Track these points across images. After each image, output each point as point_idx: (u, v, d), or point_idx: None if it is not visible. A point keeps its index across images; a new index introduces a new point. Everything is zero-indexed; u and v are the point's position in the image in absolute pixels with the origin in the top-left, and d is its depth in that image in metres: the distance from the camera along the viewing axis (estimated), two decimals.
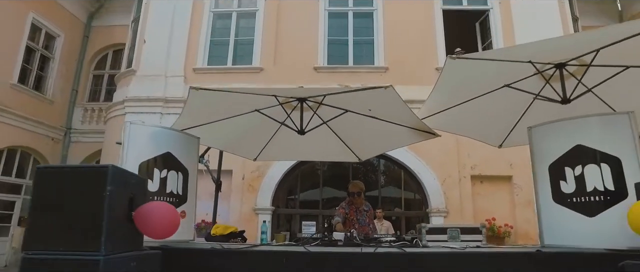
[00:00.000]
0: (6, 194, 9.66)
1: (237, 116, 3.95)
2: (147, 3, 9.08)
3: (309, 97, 3.71)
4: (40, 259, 2.02)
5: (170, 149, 3.32)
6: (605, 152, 2.78)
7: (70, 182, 2.12)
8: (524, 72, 3.38)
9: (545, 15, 8.45)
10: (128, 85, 8.55)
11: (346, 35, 8.71)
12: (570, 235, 2.81)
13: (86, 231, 2.04)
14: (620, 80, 3.28)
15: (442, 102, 3.64)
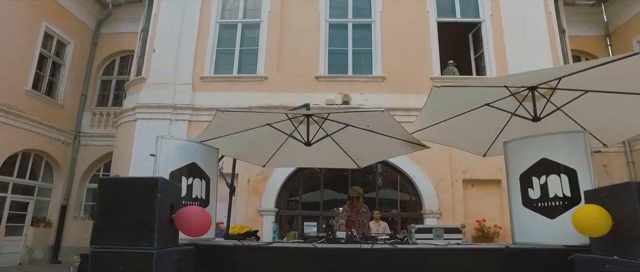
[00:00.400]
0: (20, 195, 10.17)
1: (251, 129, 4.47)
2: (156, 14, 9.60)
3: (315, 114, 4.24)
4: (105, 252, 2.57)
5: (195, 160, 3.85)
6: (565, 164, 3.34)
7: (127, 191, 2.67)
8: (501, 94, 3.93)
9: (534, 28, 9.02)
10: (138, 92, 9.07)
11: (346, 45, 9.26)
12: (535, 234, 3.37)
13: (141, 230, 2.58)
14: (587, 101, 3.83)
15: (430, 119, 4.17)
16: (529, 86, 3.82)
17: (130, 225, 2.58)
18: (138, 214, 2.60)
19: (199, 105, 8.81)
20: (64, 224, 10.98)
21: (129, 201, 2.62)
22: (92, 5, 11.73)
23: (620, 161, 10.75)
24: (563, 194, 3.30)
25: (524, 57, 8.80)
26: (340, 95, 8.71)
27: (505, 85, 3.71)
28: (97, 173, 11.69)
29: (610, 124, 4.08)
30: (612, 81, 3.48)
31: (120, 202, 2.63)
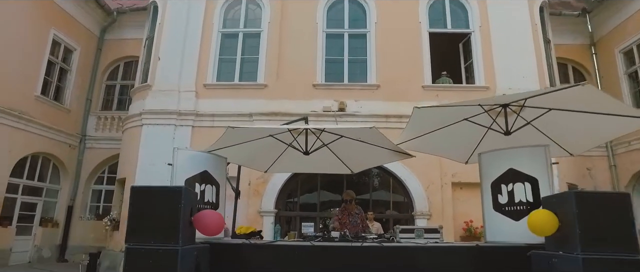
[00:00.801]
0: (29, 196, 10.66)
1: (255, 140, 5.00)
2: (160, 23, 10.11)
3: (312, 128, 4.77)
4: (138, 248, 3.11)
5: (206, 168, 4.39)
6: (528, 174, 3.90)
7: (156, 197, 3.21)
8: (478, 111, 4.50)
9: (520, 39, 9.59)
10: (144, 98, 9.58)
11: (342, 54, 9.80)
12: (503, 234, 3.92)
13: (167, 230, 3.13)
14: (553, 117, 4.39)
15: (414, 133, 4.71)
16: (502, 104, 4.39)
17: (158, 226, 3.12)
18: (165, 217, 3.14)
19: (202, 112, 9.34)
20: (70, 224, 11.48)
21: (157, 206, 3.16)
22: (97, 12, 12.23)
23: (603, 164, 11.37)
24: (526, 200, 3.86)
25: (510, 66, 9.39)
26: (337, 102, 9.25)
27: (480, 104, 4.27)
28: (101, 175, 12.19)
29: (574, 136, 4.64)
30: (572, 102, 4.05)
31: (149, 207, 3.17)
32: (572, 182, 9.48)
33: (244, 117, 9.19)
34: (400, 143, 4.82)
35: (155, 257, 3.06)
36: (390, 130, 8.05)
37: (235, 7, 10.32)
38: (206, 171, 4.37)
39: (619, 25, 11.11)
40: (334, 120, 9.00)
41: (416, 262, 3.66)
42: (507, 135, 4.37)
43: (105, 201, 11.96)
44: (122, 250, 8.76)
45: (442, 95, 9.35)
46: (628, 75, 10.99)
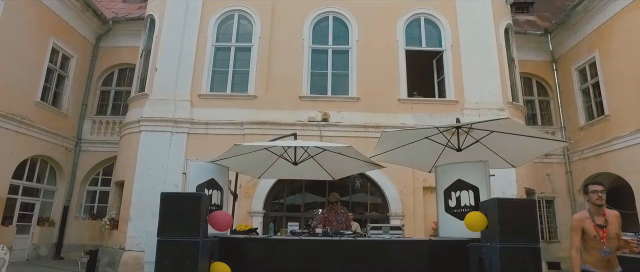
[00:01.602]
0: (28, 197, 11.36)
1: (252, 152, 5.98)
2: (157, 36, 10.97)
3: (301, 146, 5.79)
4: (168, 240, 4.07)
5: (213, 176, 5.35)
6: (471, 183, 5.00)
7: (182, 201, 4.18)
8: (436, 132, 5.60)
9: (486, 58, 10.79)
10: (142, 106, 10.43)
11: (326, 69, 10.84)
12: (452, 230, 5.02)
13: (191, 226, 4.10)
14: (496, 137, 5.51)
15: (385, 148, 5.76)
16: (455, 126, 5.50)
17: (183, 223, 4.09)
18: (188, 216, 4.11)
19: (196, 120, 10.24)
20: (66, 223, 12.21)
21: (182, 208, 4.13)
22: (93, 21, 12.97)
23: (561, 170, 12.75)
24: (470, 204, 4.97)
25: (477, 82, 10.61)
26: (321, 113, 10.28)
27: (436, 127, 5.37)
28: (96, 177, 12.95)
29: (514, 152, 5.77)
30: (508, 127, 5.18)
31: (176, 209, 4.14)
32: (531, 187, 10.74)
33: (236, 125, 10.14)
34: (372, 156, 5.88)
35: (181, 247, 4.03)
36: (369, 140, 9.24)
37: (227, 22, 11.24)
38: (213, 178, 5.33)
39: (575, 46, 12.48)
40: (318, 130, 10.04)
41: (382, 253, 4.72)
42: (459, 151, 5.47)
43: (100, 201, 12.74)
44: (121, 247, 9.65)
45: (416, 107, 10.51)
46: (582, 91, 12.37)
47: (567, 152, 12.68)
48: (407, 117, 10.33)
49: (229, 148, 5.21)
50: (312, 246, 4.81)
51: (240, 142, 9.53)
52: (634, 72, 10.20)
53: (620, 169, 10.66)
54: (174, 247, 4.03)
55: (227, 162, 5.79)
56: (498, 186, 9.30)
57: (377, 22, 11.03)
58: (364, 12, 11.08)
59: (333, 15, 11.19)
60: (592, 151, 11.66)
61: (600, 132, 11.39)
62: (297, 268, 4.67)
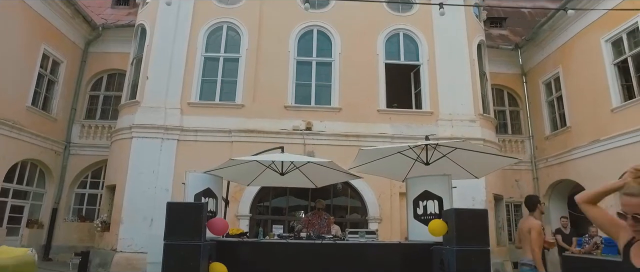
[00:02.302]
0: (17, 199, 11.75)
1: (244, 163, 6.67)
2: (149, 45, 11.51)
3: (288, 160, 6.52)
4: (173, 244, 4.76)
5: (209, 185, 6.03)
6: (436, 194, 5.82)
7: (186, 209, 4.87)
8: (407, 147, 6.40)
9: (460, 72, 11.69)
10: (133, 113, 10.96)
11: (310, 80, 11.57)
12: (419, 235, 5.83)
13: (193, 231, 4.79)
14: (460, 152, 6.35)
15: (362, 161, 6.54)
16: (425, 144, 6.31)
17: (187, 228, 4.78)
18: (191, 222, 4.80)
19: (186, 127, 10.84)
20: (54, 226, 12.62)
21: (187, 214, 4.82)
22: (83, 27, 13.40)
23: (528, 176, 13.80)
24: (435, 212, 5.79)
25: (451, 95, 11.50)
26: (305, 122, 11.01)
27: (409, 146, 6.17)
28: (84, 180, 13.38)
29: (476, 165, 6.63)
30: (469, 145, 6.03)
31: (180, 216, 4.82)
32: (499, 193, 11.72)
33: (224, 133, 10.79)
34: (351, 168, 6.65)
35: (185, 250, 4.71)
36: (349, 148, 9.98)
37: (216, 33, 11.86)
38: (209, 187, 6.01)
39: (542, 61, 13.56)
40: (302, 138, 10.77)
41: (359, 254, 5.50)
42: (427, 165, 6.29)
43: (88, 203, 13.18)
44: (113, 249, 10.19)
45: (394, 118, 11.34)
46: (548, 103, 13.45)
47: (534, 160, 13.75)
48: (386, 127, 11.15)
49: (225, 161, 5.89)
50: (297, 248, 5.55)
51: (228, 149, 10.31)
52: (590, 88, 11.26)
53: (578, 177, 11.73)
54: (179, 250, 4.71)
55: (220, 172, 6.48)
56: (469, 192, 10.25)
57: (359, 36, 11.81)
58: (347, 26, 11.85)
59: (317, 29, 11.93)
60: (555, 159, 12.73)
61: (562, 142, 12.46)
62: (284, 268, 5.41)
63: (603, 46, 10.98)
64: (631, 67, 10.26)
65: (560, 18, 12.34)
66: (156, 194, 10.31)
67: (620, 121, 10.34)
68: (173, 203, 4.91)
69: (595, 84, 11.12)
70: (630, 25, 10.15)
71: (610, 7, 10.62)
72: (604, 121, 10.81)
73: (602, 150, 10.86)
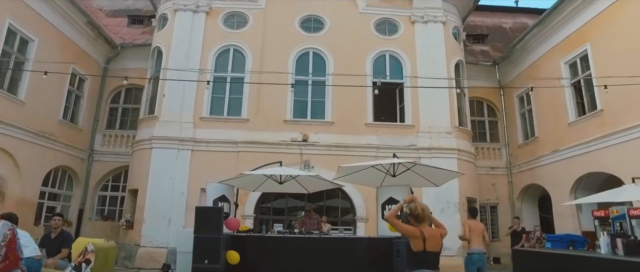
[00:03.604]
0: (51, 201, 13.84)
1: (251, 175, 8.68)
2: (165, 66, 13.53)
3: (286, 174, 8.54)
4: (201, 237, 6.82)
5: (224, 193, 8.06)
6: (398, 200, 7.82)
7: (210, 212, 6.93)
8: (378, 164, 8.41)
9: (440, 89, 13.62)
10: (153, 127, 12.98)
11: (306, 96, 13.57)
12: (385, 231, 7.83)
13: (215, 228, 6.86)
14: (421, 167, 8.35)
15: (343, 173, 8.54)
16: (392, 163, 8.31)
17: (210, 226, 6.81)
18: (213, 221, 6.83)
19: (199, 139, 12.85)
20: (81, 224, 14.71)
21: (210, 216, 6.85)
22: (104, 46, 15.45)
23: (504, 180, 15.77)
24: None
25: (431, 109, 13.46)
26: (301, 134, 13.02)
27: (383, 165, 8.17)
28: (106, 183, 15.46)
29: (435, 176, 8.61)
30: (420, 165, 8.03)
31: (206, 216, 6.85)
32: (472, 196, 13.67)
33: (232, 144, 12.80)
34: (335, 179, 8.65)
35: (209, 241, 6.73)
36: (340, 157, 11.99)
37: (224, 55, 13.87)
38: (224, 194, 8.04)
39: (515, 77, 15.51)
40: (299, 148, 12.78)
41: (338, 245, 7.51)
42: (394, 177, 8.29)
43: (110, 204, 15.27)
44: (136, 244, 12.24)
45: (380, 130, 13.34)
46: (521, 115, 15.41)
47: (510, 166, 15.71)
48: (373, 138, 13.15)
49: (236, 174, 7.94)
50: (292, 240, 7.58)
51: (235, 158, 12.35)
52: (553, 104, 13.20)
53: (544, 182, 13.70)
54: (205, 241, 6.75)
55: (232, 182, 8.52)
56: (444, 196, 12.28)
57: (350, 57, 13.79)
58: (339, 49, 13.84)
59: (313, 51, 13.93)
60: (526, 166, 14.70)
61: (531, 150, 14.42)
62: (282, 255, 7.43)
63: (562, 67, 12.93)
64: (583, 88, 12.21)
65: (530, 39, 14.30)
66: (173, 197, 12.36)
67: (575, 134, 12.29)
68: (200, 207, 6.94)
69: (556, 101, 13.06)
70: (582, 51, 12.08)
71: (567, 34, 12.59)
72: (563, 133, 12.77)
73: (561, 158, 12.82)
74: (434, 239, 4.00)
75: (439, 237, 4.07)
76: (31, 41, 12.25)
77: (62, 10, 13.22)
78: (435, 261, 4.02)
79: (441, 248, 4.14)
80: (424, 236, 3.93)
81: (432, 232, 4.07)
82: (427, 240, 3.92)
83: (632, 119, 10.23)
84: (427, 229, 4.06)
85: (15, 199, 11.75)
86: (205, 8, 14.02)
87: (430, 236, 3.97)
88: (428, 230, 4.05)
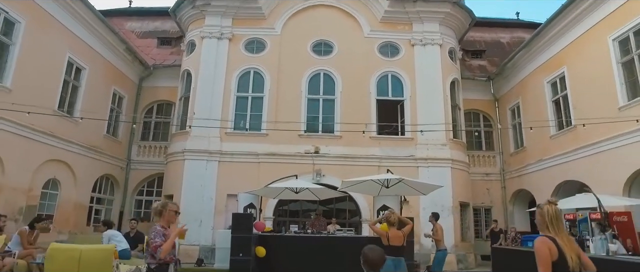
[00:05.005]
0: (98, 205, 16.58)
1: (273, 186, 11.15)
2: (194, 88, 16.09)
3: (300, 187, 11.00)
4: (237, 236, 9.37)
5: (252, 201, 10.57)
6: (390, 206, 10.22)
7: (243, 217, 9.46)
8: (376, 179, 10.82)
9: (435, 105, 15.92)
10: (185, 141, 15.57)
11: (318, 113, 16.00)
12: None
13: (247, 229, 9.41)
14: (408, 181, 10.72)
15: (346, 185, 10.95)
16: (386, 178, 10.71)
17: (244, 227, 9.32)
18: (247, 223, 9.34)
19: (225, 151, 15.39)
20: (121, 225, 17.42)
21: (243, 220, 9.36)
22: (139, 67, 18.13)
23: (498, 185, 17.98)
24: None
25: (428, 124, 15.74)
26: (314, 147, 15.45)
27: (378, 180, 10.57)
28: (142, 188, 18.16)
29: (421, 186, 10.96)
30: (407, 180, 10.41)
31: (241, 221, 9.37)
32: (465, 200, 15.94)
33: (253, 155, 15.31)
34: (339, 189, 11.07)
35: (243, 239, 9.22)
36: (346, 166, 14.40)
37: (245, 77, 16.38)
38: (252, 202, 10.53)
39: (508, 91, 17.70)
40: (311, 159, 15.22)
41: (339, 243, 9.93)
42: (387, 188, 10.68)
43: (145, 207, 17.97)
44: None
45: (382, 143, 15.69)
46: (513, 126, 17.59)
47: (503, 172, 17.92)
48: (376, 150, 15.51)
49: (262, 187, 10.44)
50: (305, 239, 10.04)
51: (257, 168, 14.82)
52: (537, 117, 15.35)
53: (530, 187, 15.90)
54: (240, 239, 9.26)
55: (258, 192, 11.03)
56: (439, 200, 14.55)
57: (356, 77, 16.16)
58: (346, 70, 16.21)
59: (323, 73, 16.34)
60: (516, 173, 16.90)
61: (521, 159, 16.62)
62: (297, 250, 9.89)
63: (545, 86, 15.09)
64: (561, 105, 14.36)
65: (519, 59, 16.48)
66: (203, 201, 14.92)
67: (555, 146, 14.47)
68: (236, 214, 9.44)
69: (540, 115, 15.23)
70: (561, 72, 14.22)
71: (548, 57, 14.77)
72: (545, 145, 14.96)
73: (544, 167, 15.02)
74: (396, 237, 6.42)
75: (400, 237, 6.48)
76: (84, 69, 14.92)
77: (106, 40, 15.88)
78: (397, 251, 6.44)
79: (403, 242, 6.54)
80: (388, 236, 6.34)
81: (396, 233, 6.50)
82: (391, 238, 6.35)
83: (600, 134, 12.38)
84: (392, 231, 6.48)
85: (73, 204, 14.51)
86: (228, 35, 16.53)
87: (392, 236, 6.39)
88: (393, 231, 6.48)
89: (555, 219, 3.19)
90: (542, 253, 2.99)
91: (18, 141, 11.65)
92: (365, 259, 3.32)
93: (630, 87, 11.51)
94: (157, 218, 4.39)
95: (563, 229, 3.19)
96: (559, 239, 3.07)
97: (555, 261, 2.97)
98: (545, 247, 3.01)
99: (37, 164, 12.57)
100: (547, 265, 2.94)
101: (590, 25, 12.77)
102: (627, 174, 11.21)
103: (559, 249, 2.99)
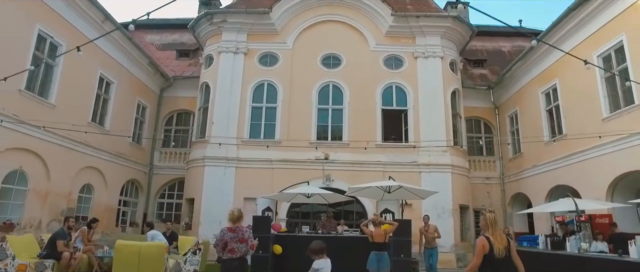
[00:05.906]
0: (124, 207, 18.33)
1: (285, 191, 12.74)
2: (213, 99, 17.74)
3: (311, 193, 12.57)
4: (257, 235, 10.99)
5: (269, 204, 12.16)
6: (391, 210, 11.76)
7: (262, 219, 11.09)
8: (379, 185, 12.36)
9: (437, 114, 17.38)
10: (204, 148, 17.22)
11: (327, 122, 17.55)
12: None
13: (266, 230, 11.03)
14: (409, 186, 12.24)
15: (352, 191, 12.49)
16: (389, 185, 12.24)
17: (263, 228, 10.92)
18: (265, 225, 10.95)
19: (241, 158, 17.01)
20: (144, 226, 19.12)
21: (263, 222, 10.96)
22: (159, 78, 19.84)
23: (498, 189, 19.41)
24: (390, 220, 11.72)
25: (430, 132, 17.23)
26: (323, 153, 17.00)
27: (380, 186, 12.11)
28: (164, 192, 19.89)
29: (420, 191, 12.46)
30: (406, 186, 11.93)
31: (260, 223, 10.97)
32: (465, 203, 17.39)
33: (267, 162, 16.91)
34: (347, 194, 12.62)
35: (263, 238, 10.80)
36: (354, 172, 15.95)
37: (260, 89, 17.99)
38: (269, 206, 12.12)
39: (507, 100, 19.11)
40: (321, 165, 16.78)
41: (345, 241, 11.47)
42: (389, 193, 12.22)
43: (167, 209, 19.69)
44: None
45: (387, 150, 17.20)
46: (511, 133, 19.00)
47: (502, 176, 19.33)
48: (381, 156, 17.03)
49: (277, 192, 12.05)
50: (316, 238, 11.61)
51: (271, 174, 16.41)
52: (533, 126, 16.78)
53: (527, 191, 17.31)
54: (259, 239, 10.84)
55: (274, 197, 12.65)
56: (439, 203, 16.05)
57: (362, 88, 17.68)
58: (354, 82, 17.75)
59: (332, 84, 17.90)
60: (515, 177, 18.31)
61: (518, 164, 18.03)
62: None
63: (540, 97, 16.49)
64: (554, 114, 15.76)
65: (516, 70, 17.88)
66: (222, 204, 16.53)
67: (549, 152, 15.87)
68: (257, 216, 11.03)
69: (536, 123, 16.64)
70: (553, 84, 15.62)
71: (542, 69, 16.16)
72: (540, 152, 16.36)
73: (539, 172, 16.42)
74: (378, 235, 8.11)
75: (381, 235, 8.13)
76: (113, 83, 16.65)
77: (132, 55, 17.60)
78: (380, 246, 8.15)
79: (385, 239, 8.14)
80: (372, 234, 7.96)
81: (378, 232, 8.21)
82: (374, 236, 8.04)
83: (587, 143, 13.76)
84: (376, 230, 8.19)
85: (104, 206, 16.25)
86: (244, 50, 18.16)
87: (376, 234, 8.09)
88: (376, 231, 8.20)
89: (493, 223, 4.73)
90: (479, 247, 4.55)
91: (61, 151, 13.37)
92: (308, 249, 5.26)
93: (612, 101, 12.89)
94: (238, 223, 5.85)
95: (497, 230, 4.73)
96: (493, 237, 4.60)
97: (487, 253, 4.51)
98: (481, 244, 4.56)
99: (75, 170, 14.29)
100: (479, 255, 4.50)
101: (578, 42, 14.14)
102: (609, 179, 12.59)
103: (490, 244, 4.53)
